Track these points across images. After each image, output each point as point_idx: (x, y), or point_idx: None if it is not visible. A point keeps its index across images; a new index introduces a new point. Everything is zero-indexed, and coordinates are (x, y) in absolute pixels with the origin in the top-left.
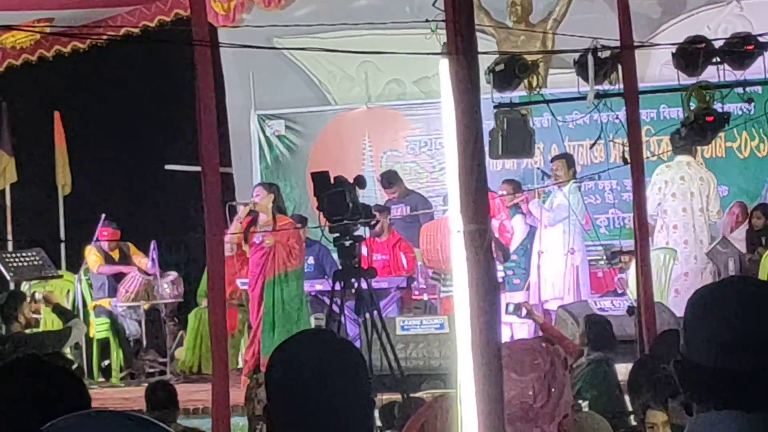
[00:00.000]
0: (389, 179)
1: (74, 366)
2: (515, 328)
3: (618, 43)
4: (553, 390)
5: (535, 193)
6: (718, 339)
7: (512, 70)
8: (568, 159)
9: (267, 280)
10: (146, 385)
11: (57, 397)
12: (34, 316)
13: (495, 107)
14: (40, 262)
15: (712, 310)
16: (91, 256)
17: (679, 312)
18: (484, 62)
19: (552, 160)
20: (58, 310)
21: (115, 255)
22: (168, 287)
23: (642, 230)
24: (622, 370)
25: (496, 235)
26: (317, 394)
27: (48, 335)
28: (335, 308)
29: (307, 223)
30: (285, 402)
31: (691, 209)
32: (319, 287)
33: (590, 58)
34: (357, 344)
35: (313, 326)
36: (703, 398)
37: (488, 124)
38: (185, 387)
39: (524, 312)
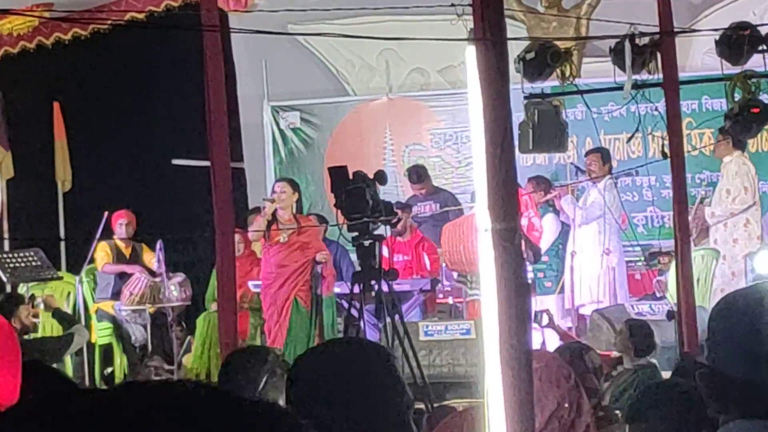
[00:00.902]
0: (418, 174)
1: None
2: (547, 334)
3: (657, 30)
4: (582, 399)
5: (568, 189)
6: (746, 348)
7: (544, 58)
8: (603, 153)
9: (326, 298)
10: None
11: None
12: (33, 320)
13: (525, 98)
14: (39, 263)
15: (738, 318)
16: (100, 252)
17: None
18: (514, 50)
19: (586, 155)
20: (59, 315)
21: (128, 253)
22: (175, 290)
23: (682, 229)
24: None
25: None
26: (348, 408)
27: (48, 341)
28: (354, 312)
29: (327, 224)
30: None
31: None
32: (336, 290)
33: (627, 45)
34: None
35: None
36: (731, 409)
37: (518, 116)
38: None
39: (545, 320)
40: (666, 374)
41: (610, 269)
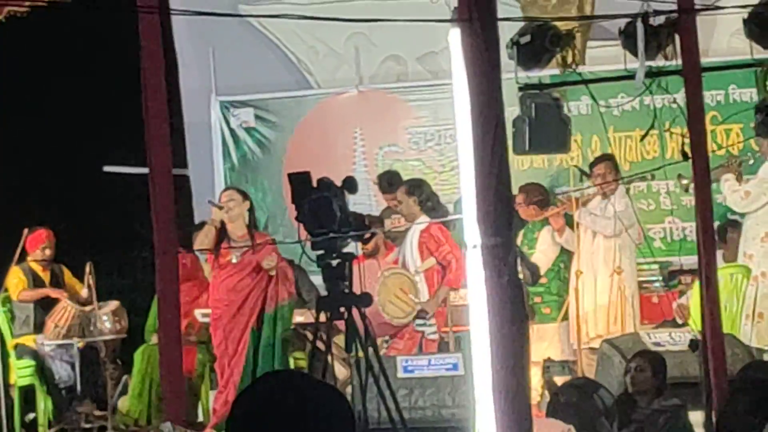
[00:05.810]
0: (390, 181)
1: None
2: None
3: (675, 7)
4: None
5: (572, 199)
6: None
7: (541, 42)
8: (613, 161)
9: (267, 314)
10: None
11: None
12: None
13: (520, 89)
14: None
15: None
16: (13, 279)
17: (759, 341)
18: (506, 33)
19: (595, 164)
20: None
21: (46, 277)
22: (108, 320)
23: (708, 243)
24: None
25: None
26: None
27: None
28: (320, 345)
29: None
30: None
31: None
32: (299, 319)
33: (640, 26)
34: (348, 390)
35: (292, 367)
36: None
37: (512, 111)
38: None
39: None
40: (693, 414)
41: (621, 291)
